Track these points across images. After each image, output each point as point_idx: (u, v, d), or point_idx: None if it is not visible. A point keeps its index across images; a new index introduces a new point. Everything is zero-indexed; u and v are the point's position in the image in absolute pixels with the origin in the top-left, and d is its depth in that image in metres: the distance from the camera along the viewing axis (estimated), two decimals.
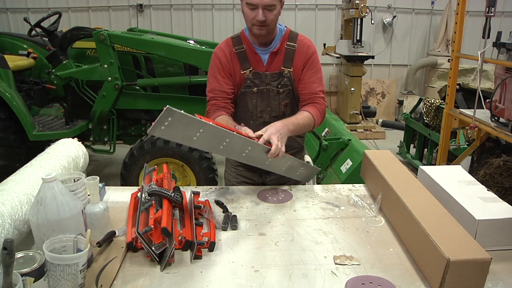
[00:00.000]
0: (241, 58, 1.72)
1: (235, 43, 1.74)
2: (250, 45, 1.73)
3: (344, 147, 3.38)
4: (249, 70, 1.72)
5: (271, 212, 1.53)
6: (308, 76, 1.73)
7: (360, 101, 6.29)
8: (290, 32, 1.76)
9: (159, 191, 1.38)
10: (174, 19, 7.01)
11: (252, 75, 1.72)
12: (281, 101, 1.74)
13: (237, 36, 1.76)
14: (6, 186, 1.25)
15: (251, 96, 1.74)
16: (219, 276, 1.15)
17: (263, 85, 1.73)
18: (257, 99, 1.74)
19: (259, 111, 1.76)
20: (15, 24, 6.93)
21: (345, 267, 1.19)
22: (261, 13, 1.57)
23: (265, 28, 1.62)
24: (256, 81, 1.72)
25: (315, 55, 1.76)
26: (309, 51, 1.74)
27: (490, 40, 2.93)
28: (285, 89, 1.73)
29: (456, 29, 3.23)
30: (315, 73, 1.75)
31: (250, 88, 1.73)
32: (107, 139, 3.80)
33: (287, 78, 1.72)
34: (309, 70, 1.74)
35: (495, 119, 2.98)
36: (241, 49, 1.73)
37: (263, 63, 1.73)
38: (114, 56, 3.39)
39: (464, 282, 1.04)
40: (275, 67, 1.73)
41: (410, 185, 1.45)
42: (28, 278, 0.93)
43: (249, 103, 1.75)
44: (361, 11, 5.82)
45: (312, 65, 1.74)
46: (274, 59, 1.73)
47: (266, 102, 1.75)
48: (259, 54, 1.73)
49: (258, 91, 1.73)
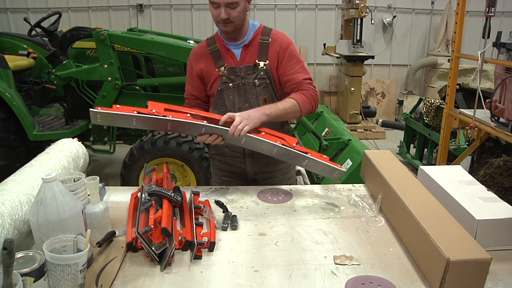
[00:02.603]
0: (215, 56, 1.74)
1: (209, 44, 1.77)
2: (222, 42, 1.75)
3: (344, 147, 3.38)
4: (223, 66, 1.72)
5: (271, 212, 1.53)
6: (289, 67, 1.72)
7: (360, 101, 6.29)
8: (264, 28, 1.77)
9: (159, 191, 1.38)
10: (174, 19, 7.02)
11: (227, 71, 1.72)
12: (259, 95, 1.73)
13: (212, 37, 1.79)
14: (6, 186, 1.25)
15: (227, 93, 1.74)
16: (219, 276, 1.15)
17: (239, 80, 1.72)
18: (234, 95, 1.74)
19: (237, 108, 1.74)
20: (15, 24, 6.93)
21: (345, 267, 1.19)
22: (224, 11, 1.59)
23: (231, 25, 1.64)
24: (231, 76, 1.72)
25: (292, 46, 1.75)
26: (284, 43, 1.74)
27: (490, 40, 2.93)
28: (262, 82, 1.72)
29: (456, 29, 3.23)
30: (296, 63, 1.73)
31: (226, 84, 1.73)
32: (107, 139, 3.80)
33: (263, 72, 1.71)
34: (289, 62, 1.73)
35: (495, 119, 2.98)
36: (214, 48, 1.75)
37: (237, 58, 1.74)
38: (114, 56, 3.39)
39: (464, 282, 1.04)
40: (249, 60, 1.73)
41: (410, 185, 1.45)
42: (28, 278, 0.93)
43: (226, 101, 1.75)
44: (361, 11, 5.82)
45: (291, 57, 1.73)
46: (247, 52, 1.73)
47: (243, 97, 1.74)
48: (231, 50, 1.74)
49: (234, 86, 1.73)
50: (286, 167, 1.92)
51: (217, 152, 1.90)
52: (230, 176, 1.90)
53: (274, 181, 1.88)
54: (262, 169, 1.86)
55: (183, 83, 3.68)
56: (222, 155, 1.88)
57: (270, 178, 1.88)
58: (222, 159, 1.89)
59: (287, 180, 1.95)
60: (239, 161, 1.85)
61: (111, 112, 1.42)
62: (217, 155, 1.91)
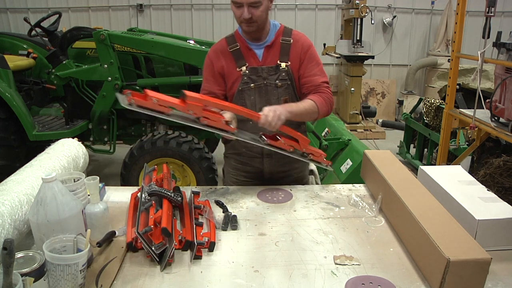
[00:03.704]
0: (236, 56, 1.72)
1: (229, 42, 1.75)
2: (244, 41, 1.73)
3: (344, 147, 3.38)
4: (245, 66, 1.71)
5: (271, 212, 1.53)
6: (309, 69, 1.72)
7: (360, 101, 6.29)
8: (285, 28, 1.76)
9: (159, 191, 1.38)
10: (174, 19, 7.01)
11: (248, 71, 1.71)
12: (280, 96, 1.73)
13: (231, 36, 1.77)
14: (6, 186, 1.25)
15: (248, 93, 1.73)
16: (219, 276, 1.15)
17: (260, 80, 1.72)
18: (255, 96, 1.73)
19: (258, 109, 1.72)
20: (15, 24, 6.93)
21: (345, 267, 1.19)
22: (247, 11, 1.58)
23: (254, 24, 1.63)
24: (253, 76, 1.72)
25: (312, 48, 1.75)
26: (305, 44, 1.74)
27: (490, 40, 2.93)
28: (283, 83, 1.72)
29: (456, 29, 3.23)
30: (316, 66, 1.74)
31: (248, 84, 1.72)
32: (107, 139, 3.79)
33: (285, 73, 1.71)
34: (309, 64, 1.73)
35: (495, 119, 2.98)
36: (235, 47, 1.73)
37: (259, 58, 1.73)
38: (114, 56, 3.39)
39: (464, 282, 1.04)
40: (271, 61, 1.72)
41: (410, 185, 1.45)
42: (28, 278, 0.93)
43: (247, 101, 1.74)
44: (361, 11, 5.82)
45: (311, 58, 1.73)
46: (269, 53, 1.72)
47: (264, 98, 1.73)
48: (253, 50, 1.73)
49: (256, 87, 1.72)
50: (301, 166, 1.92)
51: (234, 151, 1.89)
52: (246, 176, 1.89)
53: (289, 180, 1.88)
54: (279, 169, 1.85)
55: (183, 83, 3.71)
56: (239, 155, 1.87)
57: (286, 177, 1.88)
58: (239, 158, 1.88)
59: (302, 179, 1.95)
60: (257, 161, 1.85)
61: (143, 107, 1.30)
62: (234, 155, 1.90)
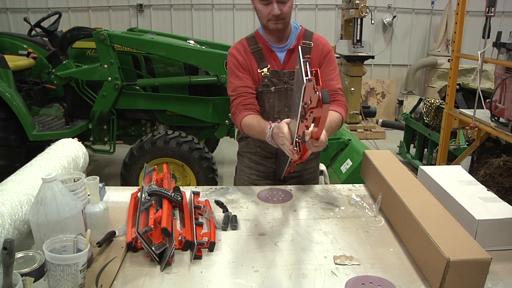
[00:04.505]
0: (258, 57, 1.71)
1: (251, 43, 1.73)
2: (266, 43, 1.71)
3: (344, 147, 3.38)
4: (266, 68, 1.69)
5: (271, 212, 1.53)
6: (326, 73, 1.71)
7: (360, 101, 6.29)
8: (305, 31, 1.75)
9: (159, 191, 1.38)
10: (174, 19, 7.01)
11: (270, 73, 1.69)
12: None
13: (252, 37, 1.75)
14: (6, 186, 1.25)
15: (268, 96, 1.72)
16: (219, 276, 1.15)
17: (281, 84, 1.70)
18: (274, 99, 1.72)
19: (276, 112, 1.73)
20: (15, 24, 6.93)
21: (345, 267, 1.19)
22: (276, 7, 1.56)
23: (281, 21, 1.61)
24: (274, 79, 1.70)
25: (332, 53, 1.75)
26: (325, 48, 1.73)
27: (490, 40, 2.93)
28: None
29: (456, 29, 3.23)
30: (333, 71, 1.73)
31: (268, 87, 1.70)
32: (107, 139, 3.79)
33: None
34: (327, 68, 1.72)
35: (495, 119, 2.99)
36: (257, 48, 1.71)
37: (280, 61, 1.71)
38: (114, 56, 3.39)
39: (464, 282, 1.04)
40: (292, 65, 1.70)
41: (410, 185, 1.45)
42: (28, 278, 0.93)
43: (266, 104, 1.73)
44: (361, 11, 5.82)
45: (330, 63, 1.73)
46: (290, 57, 1.71)
47: (283, 101, 1.72)
48: (275, 52, 1.71)
49: (276, 90, 1.71)
50: (313, 167, 1.92)
51: (248, 150, 1.89)
52: (258, 176, 1.89)
53: (300, 181, 1.88)
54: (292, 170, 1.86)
55: (183, 83, 3.71)
56: (254, 154, 1.87)
57: (298, 177, 1.89)
58: (253, 157, 1.88)
59: (313, 179, 1.95)
60: (271, 161, 1.85)
61: None
62: (248, 154, 1.90)
